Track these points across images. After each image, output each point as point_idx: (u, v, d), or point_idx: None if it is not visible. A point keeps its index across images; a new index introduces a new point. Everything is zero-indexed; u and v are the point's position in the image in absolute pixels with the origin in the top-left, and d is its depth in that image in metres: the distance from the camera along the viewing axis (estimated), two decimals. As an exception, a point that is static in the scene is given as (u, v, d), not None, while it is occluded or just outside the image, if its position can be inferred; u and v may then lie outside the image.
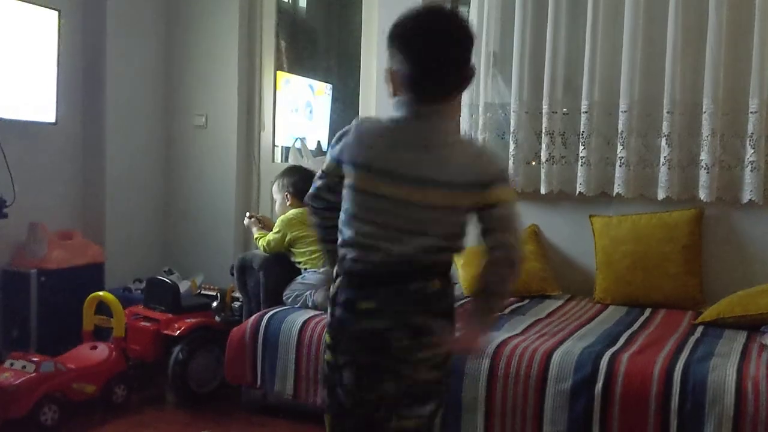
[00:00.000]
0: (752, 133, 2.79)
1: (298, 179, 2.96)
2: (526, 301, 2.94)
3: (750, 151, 2.80)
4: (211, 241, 3.87)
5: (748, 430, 1.92)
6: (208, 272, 3.70)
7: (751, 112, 2.78)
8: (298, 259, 2.85)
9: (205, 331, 2.93)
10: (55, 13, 3.12)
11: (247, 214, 3.16)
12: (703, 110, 2.85)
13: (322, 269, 2.74)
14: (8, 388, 2.43)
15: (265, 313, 2.64)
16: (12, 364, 2.54)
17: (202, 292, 3.41)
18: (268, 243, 2.88)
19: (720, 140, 2.86)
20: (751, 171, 2.80)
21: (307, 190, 2.89)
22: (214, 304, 3.06)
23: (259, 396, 2.72)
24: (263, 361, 2.56)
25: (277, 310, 2.67)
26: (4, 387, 2.43)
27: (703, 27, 2.85)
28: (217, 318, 3.02)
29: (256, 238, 2.98)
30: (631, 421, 2.02)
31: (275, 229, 2.90)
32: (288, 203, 2.96)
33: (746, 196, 2.83)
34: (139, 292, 3.35)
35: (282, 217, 2.92)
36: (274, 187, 3.06)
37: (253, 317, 2.65)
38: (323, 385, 1.57)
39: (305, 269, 2.82)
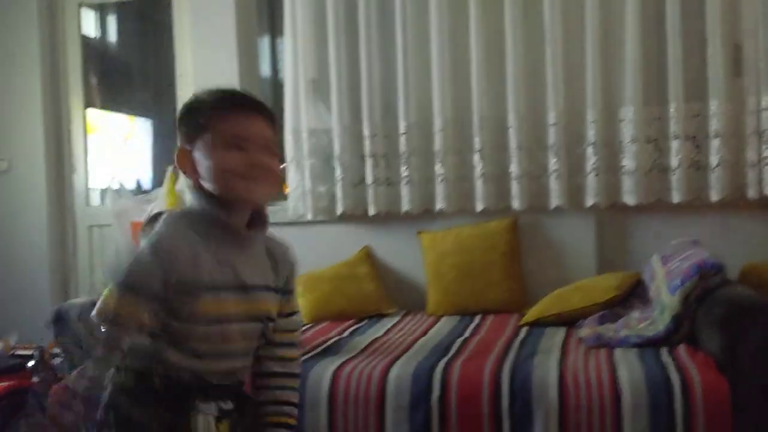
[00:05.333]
0: (553, 144, 3.02)
1: None
2: (364, 321, 2.98)
3: (553, 160, 3.03)
4: (25, 295, 3.55)
5: (572, 419, 2.05)
6: (23, 330, 3.38)
7: (551, 125, 3.02)
8: None
9: (22, 395, 2.67)
10: None
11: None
12: (509, 125, 3.06)
13: None
14: None
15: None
16: None
17: (17, 352, 3.11)
18: None
19: (526, 152, 3.07)
20: (556, 179, 3.03)
21: None
22: (31, 363, 2.79)
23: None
24: (92, 417, 2.37)
25: (101, 361, 2.49)
26: None
27: (501, 49, 3.06)
28: (35, 378, 2.76)
29: None
30: (468, 425, 2.08)
31: None
32: None
33: (553, 202, 3.05)
34: (-59, 362, 2.99)
35: None
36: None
37: (74, 371, 2.44)
38: None
39: None
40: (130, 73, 4.52)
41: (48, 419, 2.43)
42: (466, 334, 2.67)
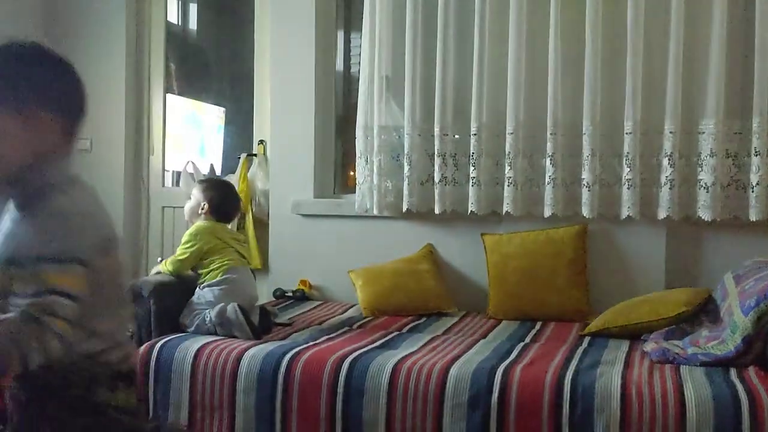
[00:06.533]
0: (628, 153, 2.97)
1: (222, 197, 2.88)
2: (423, 318, 2.99)
3: (626, 169, 2.98)
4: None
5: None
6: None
7: (626, 133, 2.97)
8: (203, 270, 2.76)
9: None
10: None
11: (159, 259, 3.02)
12: (583, 132, 3.02)
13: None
14: None
15: (156, 342, 2.54)
16: None
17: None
18: (179, 261, 2.75)
19: (599, 160, 3.03)
20: (628, 188, 2.98)
21: (224, 210, 2.84)
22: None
23: (151, 428, 2.60)
24: (155, 391, 2.45)
25: (170, 338, 2.57)
26: None
27: (580, 54, 3.02)
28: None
29: (163, 267, 2.82)
30: (526, 429, 2.07)
31: (187, 242, 2.76)
32: (202, 212, 2.86)
33: (624, 212, 3.00)
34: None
35: (195, 228, 2.80)
36: (196, 189, 2.91)
37: (143, 347, 2.54)
38: None
39: (200, 285, 2.74)
40: (208, 62, 4.64)
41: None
42: (527, 339, 2.65)
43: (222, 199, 2.88)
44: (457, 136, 3.25)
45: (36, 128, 1.27)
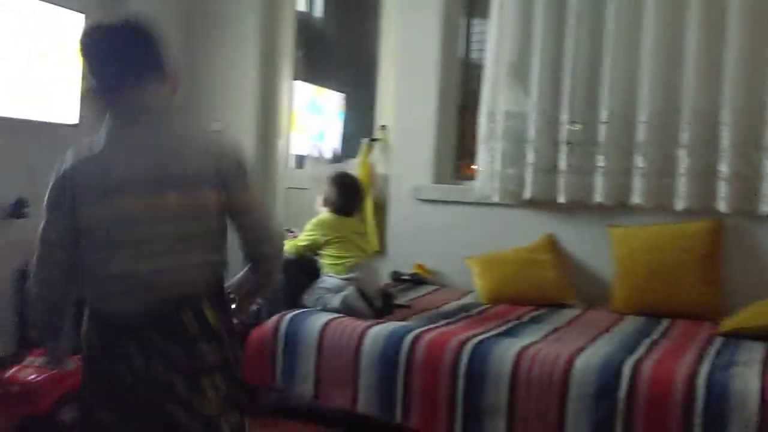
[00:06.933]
0: (771, 144, 2.80)
1: (345, 195, 2.97)
2: (544, 309, 2.95)
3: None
4: (231, 247, 3.88)
5: (771, 438, 1.92)
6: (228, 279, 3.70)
7: (770, 124, 2.80)
8: (324, 261, 2.86)
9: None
10: (81, 16, 3.14)
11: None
12: (722, 121, 2.87)
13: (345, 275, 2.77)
14: (29, 385, 2.43)
15: (286, 314, 2.65)
16: (33, 362, 2.54)
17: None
18: (298, 246, 2.87)
19: (738, 151, 2.87)
20: (769, 183, 2.81)
21: (346, 207, 2.92)
22: (233, 306, 3.06)
23: (277, 398, 2.72)
24: (284, 361, 2.57)
25: (299, 311, 2.68)
26: (25, 384, 2.43)
27: (722, 40, 2.87)
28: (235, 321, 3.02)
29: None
30: (655, 424, 2.02)
31: (309, 230, 2.90)
32: (326, 206, 2.97)
33: (765, 207, 2.83)
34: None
35: (318, 219, 2.92)
36: (323, 183, 3.03)
37: (274, 318, 2.65)
38: None
39: (325, 273, 2.83)
40: (331, 48, 4.74)
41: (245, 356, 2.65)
42: (655, 335, 2.56)
43: (345, 197, 2.95)
44: (583, 125, 3.17)
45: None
